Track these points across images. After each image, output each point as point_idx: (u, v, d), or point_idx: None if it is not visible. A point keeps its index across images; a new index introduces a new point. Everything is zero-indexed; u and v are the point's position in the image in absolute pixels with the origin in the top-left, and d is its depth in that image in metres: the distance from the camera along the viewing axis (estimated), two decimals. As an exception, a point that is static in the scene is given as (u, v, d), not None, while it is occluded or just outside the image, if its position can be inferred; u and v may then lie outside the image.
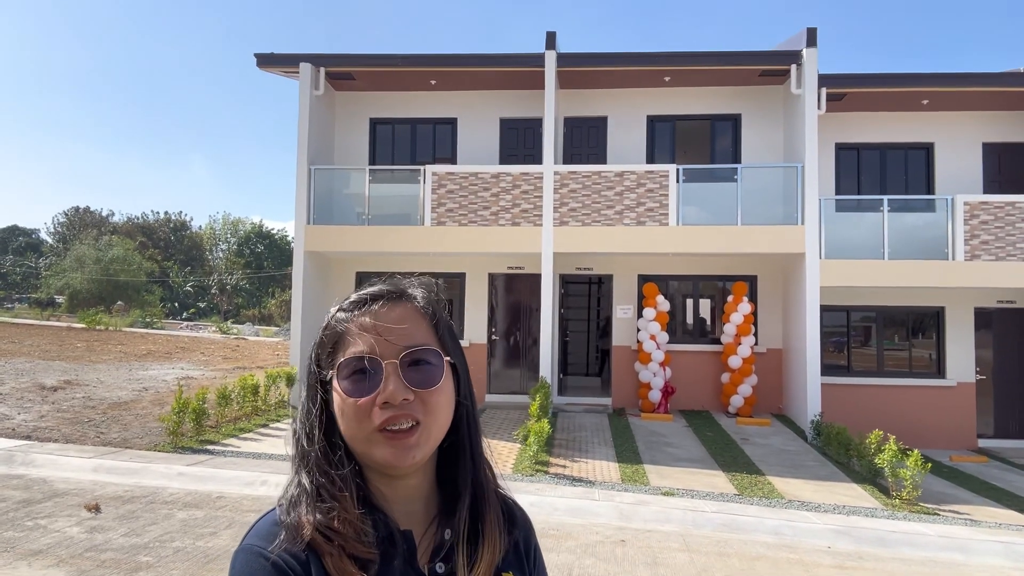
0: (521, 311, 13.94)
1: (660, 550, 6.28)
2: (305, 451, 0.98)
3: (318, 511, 0.92)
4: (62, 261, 49.31)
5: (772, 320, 13.42)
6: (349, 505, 0.92)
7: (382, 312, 0.98)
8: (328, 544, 0.90)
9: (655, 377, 12.61)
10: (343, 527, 0.90)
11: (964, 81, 12.44)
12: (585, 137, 14.01)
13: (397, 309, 0.99)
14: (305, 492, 0.95)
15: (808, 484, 8.78)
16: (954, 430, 12.93)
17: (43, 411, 10.82)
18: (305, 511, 0.93)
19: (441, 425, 0.99)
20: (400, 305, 1.00)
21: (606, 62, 12.89)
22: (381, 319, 0.97)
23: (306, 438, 0.98)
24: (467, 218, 12.48)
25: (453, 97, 14.12)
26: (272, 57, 13.15)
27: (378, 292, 1.02)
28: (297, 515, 0.93)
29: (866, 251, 12.08)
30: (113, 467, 8.02)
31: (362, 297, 1.02)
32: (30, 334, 25.21)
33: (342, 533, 0.90)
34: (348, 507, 0.92)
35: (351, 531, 0.91)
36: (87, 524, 6.10)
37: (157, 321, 40.61)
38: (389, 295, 1.01)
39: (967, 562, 6.52)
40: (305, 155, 12.76)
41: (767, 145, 13.58)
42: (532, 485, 8.04)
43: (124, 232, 59.95)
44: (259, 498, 7.30)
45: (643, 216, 12.18)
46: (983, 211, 11.84)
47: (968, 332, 13.18)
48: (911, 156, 13.73)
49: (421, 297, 1.03)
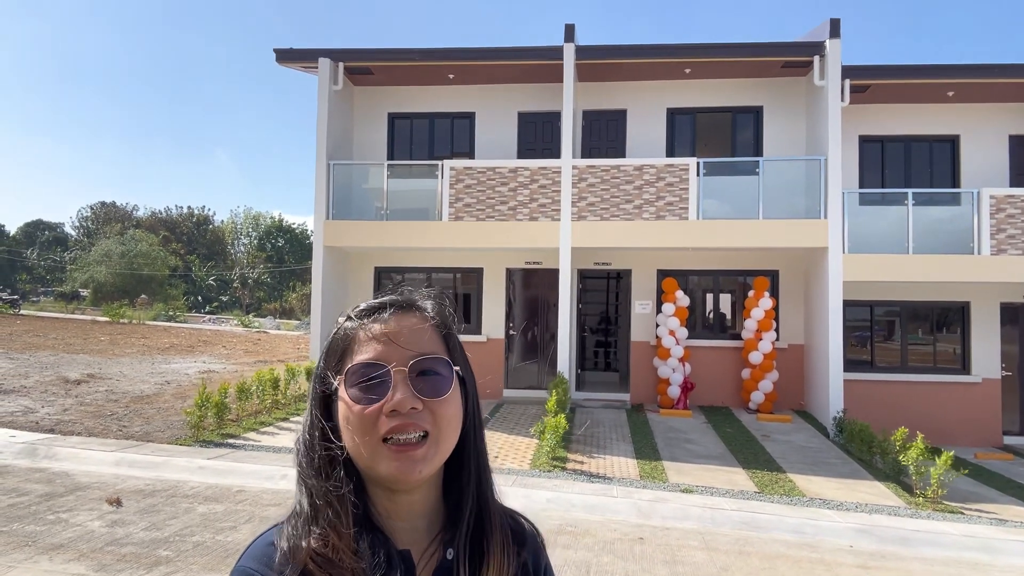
0: (539, 306, 13.90)
1: (679, 548, 6.23)
2: (305, 465, 0.96)
3: (312, 536, 0.89)
4: (87, 255, 50.00)
5: (794, 315, 13.27)
6: (344, 529, 0.90)
7: (392, 321, 0.96)
8: (320, 571, 0.87)
9: (674, 373, 12.53)
10: (335, 555, 0.88)
11: (990, 72, 12.20)
12: (604, 130, 13.91)
13: (407, 318, 0.98)
14: (303, 512, 0.93)
15: (830, 482, 8.68)
16: (979, 427, 12.73)
17: (66, 404, 10.96)
18: (300, 535, 0.90)
19: (450, 438, 0.96)
20: (410, 315, 0.99)
21: (625, 54, 12.77)
22: (391, 327, 0.95)
23: (307, 451, 0.96)
24: (485, 213, 12.45)
25: (471, 91, 14.08)
26: (291, 52, 13.19)
27: (388, 301, 1.00)
28: (292, 539, 0.91)
29: (890, 245, 11.89)
30: (135, 460, 8.10)
31: (371, 306, 1.00)
32: (55, 327, 25.59)
33: (334, 562, 0.88)
34: (343, 532, 0.90)
35: (344, 558, 0.88)
36: (108, 518, 6.17)
37: (180, 314, 41.08)
38: (399, 305, 0.99)
39: (992, 562, 6.41)
40: (324, 150, 12.80)
41: (789, 138, 13.41)
42: (550, 481, 8.02)
43: (147, 226, 60.69)
44: (279, 492, 7.34)
45: (663, 210, 12.08)
46: (1010, 204, 11.62)
47: (994, 327, 12.96)
48: (936, 149, 13.50)
49: (431, 308, 1.02)
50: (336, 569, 0.88)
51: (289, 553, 0.89)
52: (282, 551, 0.90)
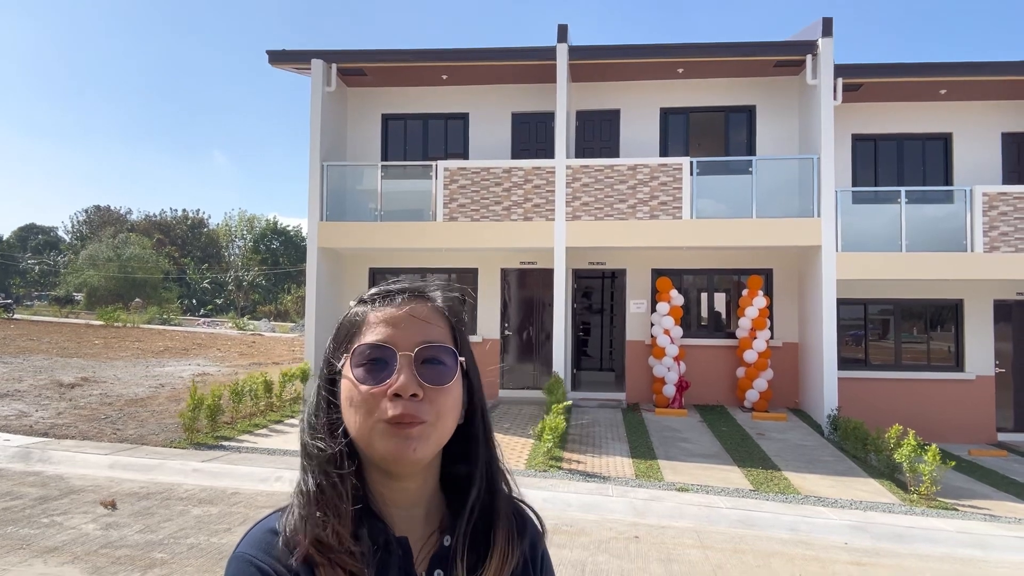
0: (534, 306, 13.90)
1: (674, 546, 6.24)
2: (308, 444, 0.97)
3: (312, 522, 0.90)
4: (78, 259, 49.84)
5: (788, 314, 13.30)
6: (344, 515, 0.91)
7: (402, 306, 0.98)
8: (320, 556, 0.89)
9: (669, 372, 12.54)
10: (335, 541, 0.89)
11: (982, 70, 12.24)
12: (598, 130, 13.92)
13: (417, 306, 0.99)
14: (304, 497, 0.94)
15: (825, 479, 8.70)
16: (973, 424, 12.77)
17: (60, 408, 10.93)
18: (300, 521, 0.92)
19: (446, 427, 0.97)
20: (421, 302, 1.00)
21: (618, 54, 12.78)
22: (400, 312, 0.97)
23: (310, 429, 0.98)
24: (479, 213, 12.45)
25: (464, 92, 14.08)
26: (284, 54, 13.17)
27: (399, 288, 1.02)
28: (293, 525, 0.92)
29: (883, 243, 11.92)
30: (129, 463, 8.08)
31: (383, 291, 1.02)
32: (48, 331, 25.51)
33: (334, 548, 0.89)
34: (343, 517, 0.91)
35: (343, 545, 0.89)
36: (103, 521, 6.15)
37: (174, 318, 41.00)
38: (409, 292, 1.01)
39: (986, 558, 6.43)
40: (317, 151, 12.77)
41: (782, 137, 13.43)
42: (546, 480, 8.02)
43: (141, 230, 60.52)
44: (273, 494, 7.33)
45: (657, 210, 12.09)
46: (1002, 202, 11.66)
47: (987, 325, 13.00)
48: (929, 147, 13.54)
49: (441, 298, 1.03)
50: (335, 553, 0.89)
51: (291, 539, 0.91)
52: (284, 537, 0.91)
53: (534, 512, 1.13)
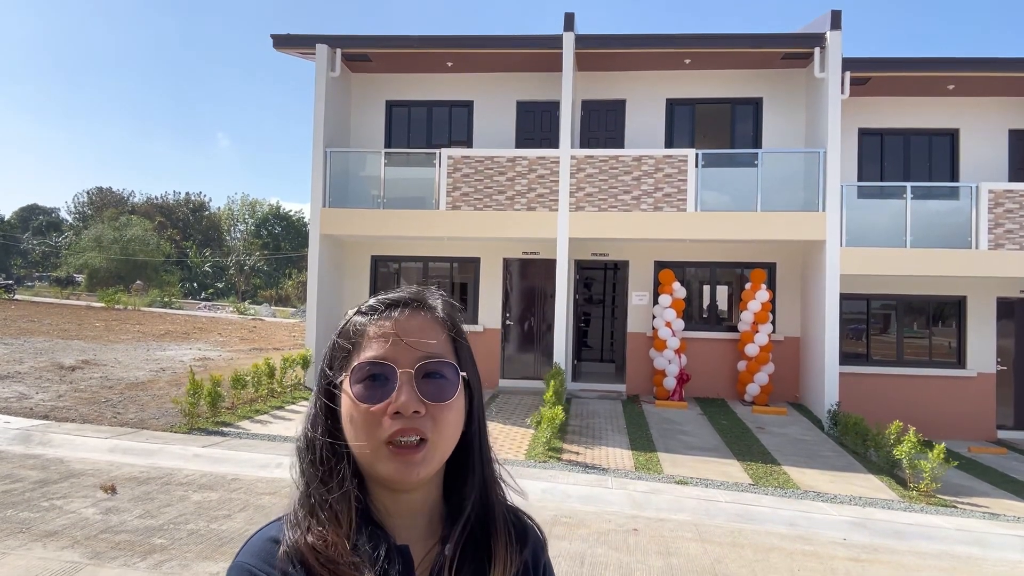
0: (536, 296, 13.88)
1: (673, 539, 6.24)
2: (308, 460, 0.96)
3: (312, 533, 0.90)
4: (81, 240, 49.81)
5: (790, 308, 13.27)
6: (345, 526, 0.90)
7: (401, 319, 0.96)
8: (321, 567, 0.88)
9: (670, 364, 12.53)
10: (335, 553, 0.88)
11: (990, 66, 12.16)
12: (603, 121, 13.85)
13: (417, 318, 0.97)
14: (304, 508, 0.93)
15: (824, 474, 8.70)
16: (973, 421, 12.77)
17: (61, 391, 10.93)
18: (301, 531, 0.91)
19: (449, 442, 0.96)
20: (420, 314, 0.98)
21: (625, 44, 12.68)
22: (400, 325, 0.95)
23: (309, 445, 0.97)
24: (482, 202, 12.40)
25: (470, 79, 13.99)
26: (289, 38, 13.08)
27: (398, 299, 0.99)
28: (294, 535, 0.91)
29: (888, 239, 11.88)
30: (129, 448, 8.09)
31: (381, 302, 1.00)
32: (49, 313, 25.51)
33: (333, 558, 0.88)
34: (343, 529, 0.90)
35: (344, 557, 0.88)
36: (103, 505, 6.15)
37: (175, 301, 41.01)
38: (409, 302, 0.99)
39: (984, 556, 6.43)
40: (321, 137, 12.71)
41: (789, 130, 13.36)
42: (545, 471, 8.02)
43: (143, 212, 60.45)
44: (273, 480, 7.33)
45: (661, 201, 12.04)
46: (1008, 199, 11.60)
47: (990, 322, 12.97)
48: (935, 142, 13.47)
49: (441, 308, 1.01)
50: (334, 564, 0.88)
51: (291, 550, 0.90)
52: (284, 548, 0.91)
53: (533, 521, 1.12)
